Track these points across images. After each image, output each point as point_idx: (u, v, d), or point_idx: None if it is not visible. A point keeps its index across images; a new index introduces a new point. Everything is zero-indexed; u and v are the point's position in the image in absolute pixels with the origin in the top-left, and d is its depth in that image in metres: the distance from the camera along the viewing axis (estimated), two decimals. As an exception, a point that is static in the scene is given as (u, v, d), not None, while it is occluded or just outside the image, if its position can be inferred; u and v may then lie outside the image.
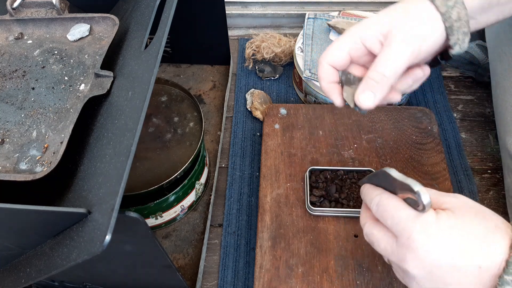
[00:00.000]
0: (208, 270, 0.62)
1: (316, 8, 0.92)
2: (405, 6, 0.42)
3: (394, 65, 0.41)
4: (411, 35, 0.41)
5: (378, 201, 0.41)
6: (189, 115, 0.63)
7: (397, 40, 0.41)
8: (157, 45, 0.41)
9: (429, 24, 0.41)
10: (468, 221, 0.37)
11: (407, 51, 0.40)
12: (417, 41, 0.41)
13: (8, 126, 0.43)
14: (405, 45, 0.41)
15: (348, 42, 0.44)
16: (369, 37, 0.43)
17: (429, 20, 0.41)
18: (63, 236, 0.35)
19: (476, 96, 0.82)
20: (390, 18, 0.42)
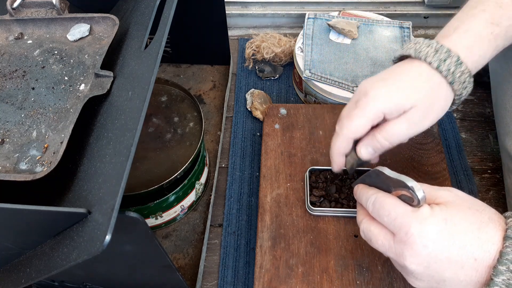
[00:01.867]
0: (208, 270, 0.62)
1: (316, 8, 0.92)
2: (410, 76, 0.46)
3: (401, 137, 0.47)
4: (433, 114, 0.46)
5: (373, 200, 0.42)
6: (189, 115, 0.63)
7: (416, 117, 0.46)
8: (157, 45, 0.41)
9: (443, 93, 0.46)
10: (462, 214, 0.38)
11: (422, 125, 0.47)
12: (437, 116, 0.47)
13: (8, 126, 0.43)
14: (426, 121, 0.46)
15: (371, 115, 0.46)
16: (393, 111, 0.46)
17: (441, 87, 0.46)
18: (63, 236, 0.35)
19: (476, 96, 0.82)
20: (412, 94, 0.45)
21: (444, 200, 0.40)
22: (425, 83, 0.46)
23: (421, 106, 0.45)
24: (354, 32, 0.76)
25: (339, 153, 0.50)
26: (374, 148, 0.47)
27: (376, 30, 0.79)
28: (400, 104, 0.45)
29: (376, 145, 0.47)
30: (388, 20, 0.80)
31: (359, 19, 0.80)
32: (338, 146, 0.50)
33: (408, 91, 0.45)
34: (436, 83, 0.46)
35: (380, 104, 0.45)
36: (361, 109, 0.46)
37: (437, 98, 0.46)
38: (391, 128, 0.46)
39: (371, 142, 0.47)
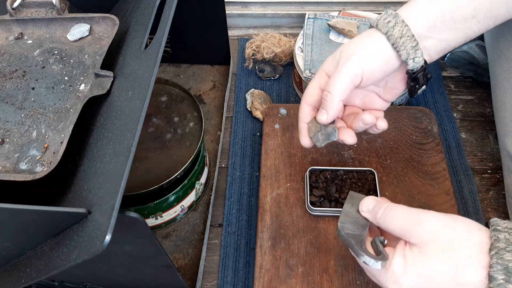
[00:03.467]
0: (208, 270, 0.62)
1: (316, 8, 0.92)
2: (356, 37, 0.48)
3: (338, 83, 0.46)
4: (356, 57, 0.46)
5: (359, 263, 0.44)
6: (189, 115, 0.63)
7: (341, 62, 0.46)
8: (157, 45, 0.41)
9: (374, 45, 0.46)
10: (436, 261, 0.38)
11: (349, 71, 0.46)
12: (361, 62, 0.46)
13: (8, 126, 0.43)
14: (348, 66, 0.46)
15: (316, 78, 0.50)
16: (328, 67, 0.49)
17: (374, 42, 0.46)
18: (63, 236, 0.35)
19: (476, 96, 0.82)
20: (341, 47, 0.48)
21: (419, 241, 0.39)
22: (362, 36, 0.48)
23: (345, 51, 0.47)
24: (354, 32, 0.76)
25: (301, 121, 0.51)
26: (324, 107, 0.47)
27: (376, 30, 0.78)
28: (330, 57, 0.49)
29: (325, 103, 0.47)
30: (388, 20, 0.80)
31: (359, 19, 0.80)
32: (300, 114, 0.51)
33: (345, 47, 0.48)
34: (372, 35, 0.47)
35: (322, 65, 0.50)
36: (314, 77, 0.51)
37: (362, 41, 0.47)
38: (330, 80, 0.47)
39: (321, 104, 0.48)
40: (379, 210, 0.43)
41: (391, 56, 0.46)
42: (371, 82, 0.48)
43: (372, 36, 0.46)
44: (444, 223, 0.39)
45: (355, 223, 0.45)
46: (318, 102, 0.50)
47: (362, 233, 0.44)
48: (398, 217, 0.41)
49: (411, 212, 0.41)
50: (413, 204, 0.62)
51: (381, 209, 0.43)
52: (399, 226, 0.41)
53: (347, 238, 0.43)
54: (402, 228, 0.41)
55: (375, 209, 0.44)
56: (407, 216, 0.41)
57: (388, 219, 0.42)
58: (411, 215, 0.41)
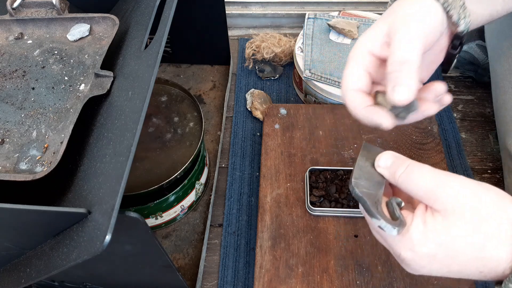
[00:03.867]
0: (208, 270, 0.62)
1: (316, 8, 0.92)
2: (396, 5, 0.41)
3: (410, 46, 0.37)
4: (413, 21, 0.38)
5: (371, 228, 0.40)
6: (189, 115, 0.63)
7: (401, 29, 0.38)
8: (157, 45, 0.41)
9: (425, 8, 0.39)
10: (461, 230, 0.34)
11: (416, 31, 0.38)
12: (420, 24, 0.38)
13: (8, 126, 0.43)
14: (411, 28, 0.38)
15: (358, 59, 0.41)
16: (374, 44, 0.40)
17: (423, 5, 0.39)
18: (63, 236, 0.35)
19: (476, 96, 0.82)
20: (385, 19, 0.40)
21: (443, 206, 0.35)
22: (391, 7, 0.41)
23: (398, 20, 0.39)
24: (354, 32, 0.76)
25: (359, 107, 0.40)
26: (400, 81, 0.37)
27: (376, 30, 0.78)
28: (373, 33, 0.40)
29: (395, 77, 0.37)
30: (388, 20, 0.80)
31: (359, 19, 0.80)
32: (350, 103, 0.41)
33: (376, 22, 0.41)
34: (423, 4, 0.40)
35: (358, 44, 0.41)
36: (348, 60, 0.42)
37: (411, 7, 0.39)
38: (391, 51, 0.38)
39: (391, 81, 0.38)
40: (399, 167, 0.37)
41: (442, 19, 0.40)
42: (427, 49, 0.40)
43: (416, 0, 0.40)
44: (475, 190, 0.35)
45: (370, 179, 0.40)
46: (367, 87, 0.41)
47: (377, 193, 0.39)
48: (423, 178, 0.36)
49: (438, 174, 0.36)
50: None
51: (402, 167, 0.37)
52: (423, 189, 0.35)
53: (361, 197, 0.38)
54: (426, 190, 0.35)
55: (394, 166, 0.38)
56: (433, 177, 0.35)
57: (410, 179, 0.36)
58: (437, 177, 0.35)
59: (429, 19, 0.39)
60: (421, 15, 0.39)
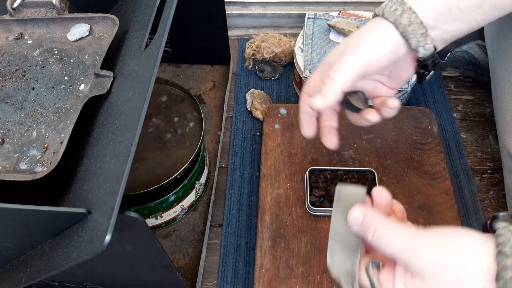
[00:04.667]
0: (208, 270, 0.62)
1: (316, 8, 0.92)
2: (361, 28, 0.46)
3: (343, 71, 0.44)
4: (363, 46, 0.44)
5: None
6: (189, 115, 0.63)
7: (348, 51, 0.44)
8: (157, 45, 0.41)
9: (381, 35, 0.44)
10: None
11: (356, 59, 0.44)
12: (369, 51, 0.44)
13: (8, 126, 0.43)
14: (355, 55, 0.44)
15: (319, 69, 0.48)
16: (330, 59, 0.46)
17: (381, 31, 0.44)
18: (63, 236, 0.35)
19: (476, 96, 0.82)
20: (346, 39, 0.46)
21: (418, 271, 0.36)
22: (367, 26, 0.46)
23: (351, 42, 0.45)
24: (354, 32, 0.76)
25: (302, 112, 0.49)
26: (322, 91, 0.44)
27: (376, 30, 0.78)
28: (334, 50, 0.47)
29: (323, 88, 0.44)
30: (388, 20, 0.80)
31: (359, 19, 0.80)
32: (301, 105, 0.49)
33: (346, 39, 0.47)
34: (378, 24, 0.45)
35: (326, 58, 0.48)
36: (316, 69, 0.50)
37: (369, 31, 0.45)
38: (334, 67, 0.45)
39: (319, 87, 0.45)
40: (369, 229, 0.38)
41: (399, 45, 0.44)
42: (376, 71, 0.46)
43: (378, 25, 0.45)
44: (446, 251, 0.35)
45: (346, 245, 0.41)
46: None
47: (353, 264, 0.40)
48: (392, 241, 0.37)
49: (407, 236, 0.37)
50: (413, 204, 0.62)
51: (371, 229, 0.38)
52: (395, 253, 0.37)
53: (338, 279, 0.40)
54: (398, 255, 0.37)
55: (364, 226, 0.39)
56: (403, 240, 0.36)
57: (381, 242, 0.37)
58: (407, 239, 0.36)
59: (381, 47, 0.44)
60: (372, 43, 0.44)
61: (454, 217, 0.61)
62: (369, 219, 0.39)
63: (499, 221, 0.35)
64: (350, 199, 0.42)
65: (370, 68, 0.45)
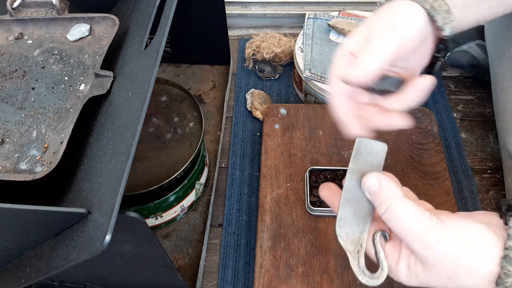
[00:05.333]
0: (208, 270, 0.62)
1: (316, 8, 0.92)
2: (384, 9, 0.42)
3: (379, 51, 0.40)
4: (389, 30, 0.40)
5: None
6: (189, 115, 0.63)
7: (378, 33, 0.40)
8: (157, 45, 0.41)
9: (408, 14, 0.40)
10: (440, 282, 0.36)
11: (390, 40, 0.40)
12: (399, 29, 0.40)
13: (8, 126, 0.43)
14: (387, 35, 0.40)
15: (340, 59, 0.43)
16: (355, 47, 0.42)
17: (407, 10, 0.40)
18: (63, 236, 0.35)
19: (476, 96, 0.82)
20: (369, 23, 0.42)
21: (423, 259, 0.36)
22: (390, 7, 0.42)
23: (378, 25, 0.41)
24: (354, 32, 0.76)
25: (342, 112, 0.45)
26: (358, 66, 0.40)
27: (376, 30, 0.79)
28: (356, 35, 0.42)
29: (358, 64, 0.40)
30: (388, 20, 0.80)
31: (359, 19, 0.80)
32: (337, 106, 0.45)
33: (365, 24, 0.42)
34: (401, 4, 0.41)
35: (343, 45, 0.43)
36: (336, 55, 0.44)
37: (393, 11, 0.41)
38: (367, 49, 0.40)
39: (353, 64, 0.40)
40: (382, 204, 0.37)
41: (426, 23, 0.41)
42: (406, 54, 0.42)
43: (401, 4, 0.41)
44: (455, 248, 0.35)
45: (357, 210, 0.39)
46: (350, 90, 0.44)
47: (362, 232, 0.39)
48: (404, 224, 0.36)
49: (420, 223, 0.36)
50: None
51: (385, 205, 0.37)
52: (404, 236, 0.36)
53: (344, 246, 0.39)
54: (407, 239, 0.36)
55: (378, 199, 0.38)
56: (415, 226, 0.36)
57: (393, 222, 0.37)
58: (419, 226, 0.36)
59: (409, 27, 0.40)
60: (401, 24, 0.40)
61: (454, 217, 0.61)
62: (385, 191, 0.38)
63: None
64: (368, 158, 0.40)
65: (405, 48, 0.40)
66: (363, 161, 0.40)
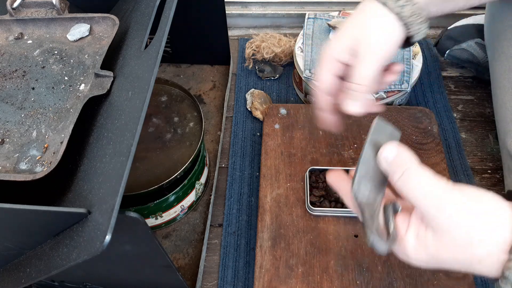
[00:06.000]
0: (208, 270, 0.62)
1: (316, 8, 0.92)
2: (362, 15, 0.47)
3: (368, 73, 0.45)
4: (376, 43, 0.45)
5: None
6: (189, 115, 0.63)
7: (364, 52, 0.45)
8: (157, 45, 0.41)
9: (389, 27, 0.45)
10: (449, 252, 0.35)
11: (375, 59, 0.45)
12: (383, 47, 0.45)
13: (8, 126, 0.43)
14: (373, 55, 0.45)
15: (327, 64, 0.48)
16: (341, 55, 0.46)
17: (387, 23, 0.45)
18: (63, 236, 0.35)
19: (476, 96, 0.82)
20: (353, 31, 0.46)
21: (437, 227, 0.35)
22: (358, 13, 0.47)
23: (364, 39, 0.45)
24: (354, 32, 0.76)
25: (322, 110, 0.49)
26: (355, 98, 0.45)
27: (376, 30, 0.79)
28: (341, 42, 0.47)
29: (356, 95, 0.45)
30: (388, 20, 0.80)
31: (359, 19, 0.80)
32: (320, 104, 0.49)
33: (345, 28, 0.47)
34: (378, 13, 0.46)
35: (328, 49, 0.47)
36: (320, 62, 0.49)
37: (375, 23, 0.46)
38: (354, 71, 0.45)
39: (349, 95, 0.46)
40: (397, 170, 0.37)
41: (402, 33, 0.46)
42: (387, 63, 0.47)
43: (378, 14, 0.45)
44: (470, 212, 0.35)
45: (373, 177, 0.39)
46: (334, 89, 0.48)
47: (377, 199, 0.39)
48: (419, 187, 0.36)
49: (436, 187, 0.36)
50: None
51: (400, 170, 0.37)
52: (417, 200, 0.36)
53: (361, 207, 0.39)
54: (420, 203, 0.36)
55: (393, 166, 0.38)
56: (430, 190, 0.36)
57: (407, 186, 0.37)
58: (434, 189, 0.36)
59: (392, 39, 0.45)
60: (384, 36, 0.45)
61: (454, 217, 0.61)
62: (402, 158, 0.38)
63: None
64: (385, 136, 0.41)
65: (387, 60, 0.46)
66: (380, 137, 0.41)
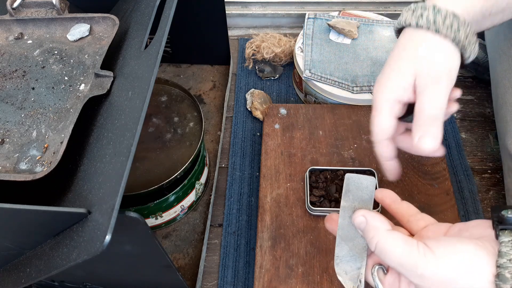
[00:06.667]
0: (208, 270, 0.62)
1: (316, 8, 0.92)
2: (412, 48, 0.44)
3: (442, 104, 0.43)
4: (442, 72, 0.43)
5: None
6: (189, 115, 0.63)
7: (432, 83, 0.43)
8: (157, 45, 0.41)
9: (449, 54, 0.43)
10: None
11: (445, 88, 0.43)
12: (449, 74, 0.43)
13: (8, 126, 0.43)
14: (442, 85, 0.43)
15: (387, 108, 0.45)
16: (402, 94, 0.44)
17: (446, 50, 0.43)
18: (63, 236, 0.35)
19: (476, 96, 0.82)
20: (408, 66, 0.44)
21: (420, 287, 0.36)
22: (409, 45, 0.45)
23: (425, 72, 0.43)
24: (354, 32, 0.76)
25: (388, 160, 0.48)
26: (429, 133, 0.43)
27: (376, 30, 0.79)
28: (399, 83, 0.44)
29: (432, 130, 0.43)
30: (388, 20, 0.80)
31: (359, 19, 0.80)
32: (384, 154, 0.47)
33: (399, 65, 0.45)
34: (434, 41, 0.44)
35: (383, 92, 0.45)
36: (374, 109, 0.46)
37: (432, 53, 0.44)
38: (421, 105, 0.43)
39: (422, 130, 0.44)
40: (371, 240, 0.38)
41: (459, 57, 0.45)
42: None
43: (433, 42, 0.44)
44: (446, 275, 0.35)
45: (353, 248, 0.40)
46: (395, 133, 0.47)
47: (359, 269, 0.40)
48: (395, 258, 0.36)
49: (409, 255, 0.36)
50: (413, 204, 0.62)
51: (374, 241, 0.37)
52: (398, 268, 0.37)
53: (344, 285, 0.40)
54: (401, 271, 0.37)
55: (367, 235, 0.38)
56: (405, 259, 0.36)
57: (384, 257, 0.37)
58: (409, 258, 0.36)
59: (454, 64, 0.44)
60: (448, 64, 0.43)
61: (454, 217, 0.61)
62: (372, 229, 0.38)
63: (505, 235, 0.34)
64: (358, 193, 0.41)
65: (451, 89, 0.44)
66: (354, 197, 0.41)
